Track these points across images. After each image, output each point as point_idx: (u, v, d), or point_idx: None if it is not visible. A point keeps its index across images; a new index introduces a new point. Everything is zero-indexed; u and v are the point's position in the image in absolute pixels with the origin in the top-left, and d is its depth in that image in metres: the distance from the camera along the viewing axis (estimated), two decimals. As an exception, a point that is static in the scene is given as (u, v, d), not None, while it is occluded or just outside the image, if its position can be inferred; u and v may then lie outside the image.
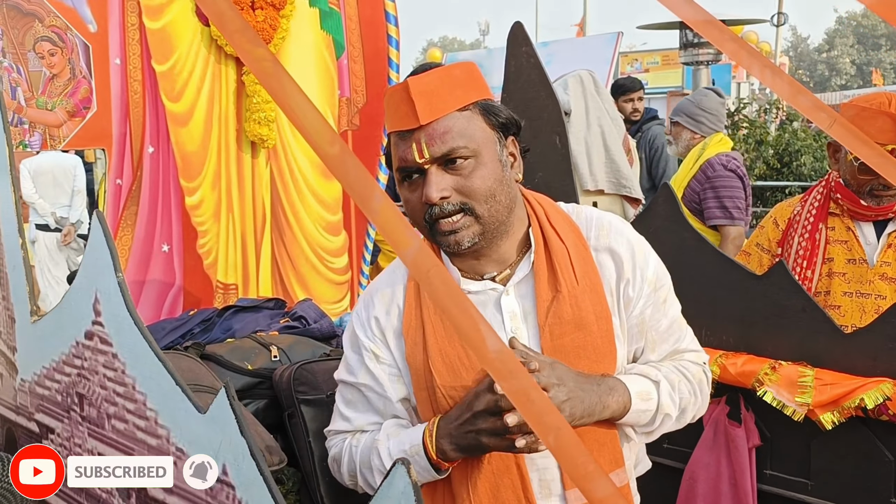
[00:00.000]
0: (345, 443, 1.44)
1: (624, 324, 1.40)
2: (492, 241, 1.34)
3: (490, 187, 1.29)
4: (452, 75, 1.31)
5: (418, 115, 1.26)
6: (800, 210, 2.34)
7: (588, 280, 1.36)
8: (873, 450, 1.85)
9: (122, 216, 2.05)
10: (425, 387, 1.35)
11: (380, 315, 1.41)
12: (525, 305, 1.35)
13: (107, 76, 1.98)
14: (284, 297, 2.40)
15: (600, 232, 1.41)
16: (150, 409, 1.09)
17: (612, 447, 1.37)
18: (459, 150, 1.27)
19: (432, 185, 1.27)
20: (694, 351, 1.51)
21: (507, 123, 1.34)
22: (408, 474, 0.76)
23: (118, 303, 1.12)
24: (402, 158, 1.29)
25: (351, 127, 2.56)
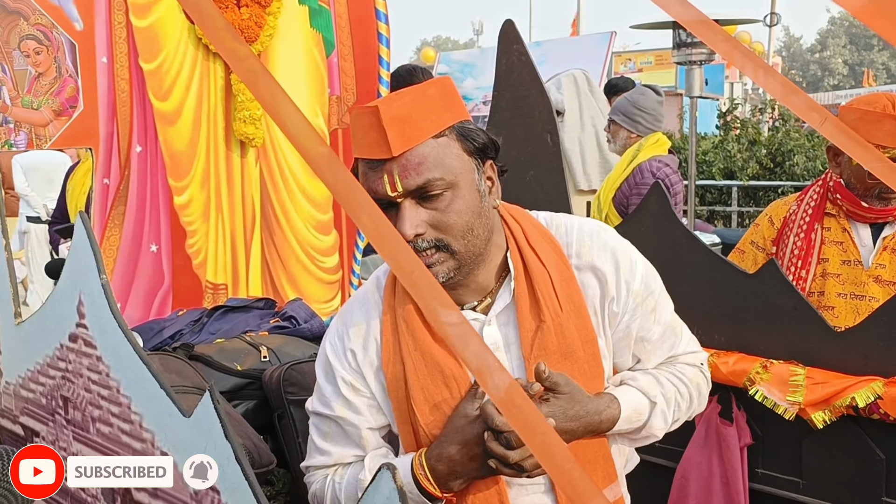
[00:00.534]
0: (326, 480, 1.39)
1: (609, 341, 1.36)
2: (468, 273, 1.27)
3: (467, 222, 1.21)
4: (426, 96, 1.21)
5: (390, 146, 1.15)
6: (796, 209, 2.33)
7: (572, 304, 1.30)
8: (865, 448, 1.85)
9: (109, 216, 2.03)
10: (409, 421, 1.31)
11: (356, 349, 1.34)
12: (508, 335, 1.30)
13: (93, 75, 1.96)
14: (274, 296, 2.39)
15: (581, 248, 1.34)
16: (134, 413, 1.07)
17: (605, 464, 1.35)
18: (435, 183, 1.18)
19: (406, 222, 1.18)
20: (691, 352, 1.48)
21: (484, 147, 1.25)
22: (393, 479, 0.75)
23: (102, 305, 1.11)
24: (372, 190, 1.19)
25: (341, 126, 2.55)
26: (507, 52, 2.54)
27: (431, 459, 1.25)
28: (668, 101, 16.20)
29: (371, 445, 1.36)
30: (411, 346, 1.29)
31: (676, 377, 1.42)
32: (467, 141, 1.23)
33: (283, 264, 2.42)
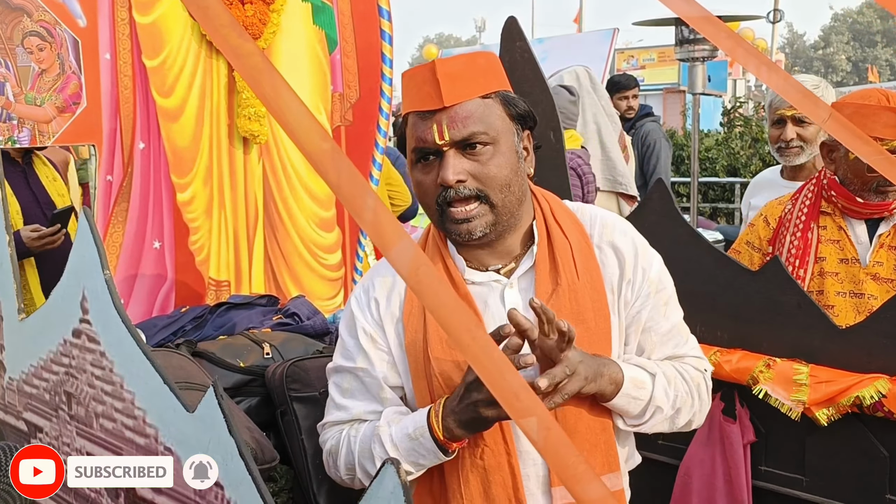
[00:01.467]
0: (342, 434, 1.41)
1: (622, 323, 1.40)
2: (502, 232, 1.34)
3: (506, 176, 1.30)
4: (476, 63, 1.32)
5: (443, 97, 1.27)
6: (791, 208, 2.32)
7: (589, 276, 1.36)
8: (869, 446, 1.84)
9: (112, 213, 2.03)
10: (424, 375, 1.34)
11: (380, 299, 1.40)
12: (526, 298, 1.34)
13: (96, 71, 1.96)
14: (277, 293, 2.39)
15: (603, 230, 1.42)
16: (138, 409, 1.07)
17: (607, 449, 1.36)
18: (479, 136, 1.28)
19: (449, 168, 1.27)
20: (696, 357, 1.49)
21: (525, 116, 1.36)
22: (397, 474, 0.74)
23: (105, 300, 1.10)
24: (420, 139, 1.30)
25: (344, 122, 2.55)
26: (509, 49, 2.53)
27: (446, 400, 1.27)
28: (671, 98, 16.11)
29: (389, 402, 1.39)
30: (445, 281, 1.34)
31: (676, 370, 1.43)
32: (510, 106, 1.33)
33: (285, 261, 2.41)
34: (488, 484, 1.32)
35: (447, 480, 1.34)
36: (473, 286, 1.37)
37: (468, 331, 0.64)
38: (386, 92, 2.60)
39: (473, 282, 1.37)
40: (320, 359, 1.97)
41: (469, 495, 1.32)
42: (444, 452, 1.29)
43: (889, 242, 2.15)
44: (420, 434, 1.29)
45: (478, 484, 1.32)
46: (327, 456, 1.46)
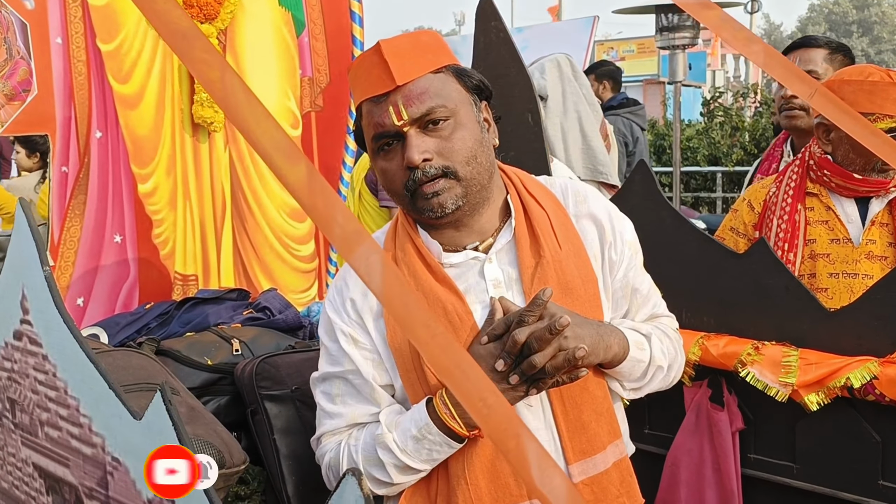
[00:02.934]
0: (341, 446, 1.34)
1: (609, 288, 1.39)
2: (474, 206, 1.31)
3: (471, 148, 1.27)
4: (421, 40, 1.30)
5: (394, 76, 1.23)
6: (775, 191, 2.26)
7: (571, 245, 1.35)
8: (860, 430, 1.79)
9: (69, 206, 1.92)
10: (412, 367, 1.29)
11: (356, 297, 1.35)
12: (509, 272, 1.33)
13: (47, 56, 1.85)
14: (248, 287, 2.30)
15: (577, 198, 1.41)
16: (83, 416, 0.99)
17: (609, 417, 1.35)
18: (438, 110, 1.25)
19: (413, 148, 1.24)
20: (668, 315, 1.53)
21: (480, 87, 1.33)
22: (359, 486, 0.67)
23: (46, 299, 1.02)
24: (378, 124, 1.26)
25: (314, 108, 2.45)
26: (485, 29, 2.45)
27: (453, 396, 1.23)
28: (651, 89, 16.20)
29: (384, 402, 1.34)
30: (413, 286, 1.30)
31: (659, 328, 1.46)
32: (464, 77, 1.31)
33: (256, 253, 2.32)
34: (492, 462, 1.28)
35: (448, 466, 1.29)
36: (451, 268, 1.33)
37: (426, 327, 0.56)
38: (357, 76, 2.51)
39: (451, 264, 1.33)
40: (292, 355, 1.89)
41: (474, 477, 1.27)
42: (458, 440, 1.25)
43: (881, 220, 2.10)
44: (427, 432, 1.25)
45: (481, 464, 1.27)
46: (327, 470, 1.39)
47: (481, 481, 1.27)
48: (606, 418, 1.35)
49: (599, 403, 1.34)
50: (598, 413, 1.33)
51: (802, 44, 2.67)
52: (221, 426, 1.66)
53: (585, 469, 1.31)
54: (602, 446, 1.33)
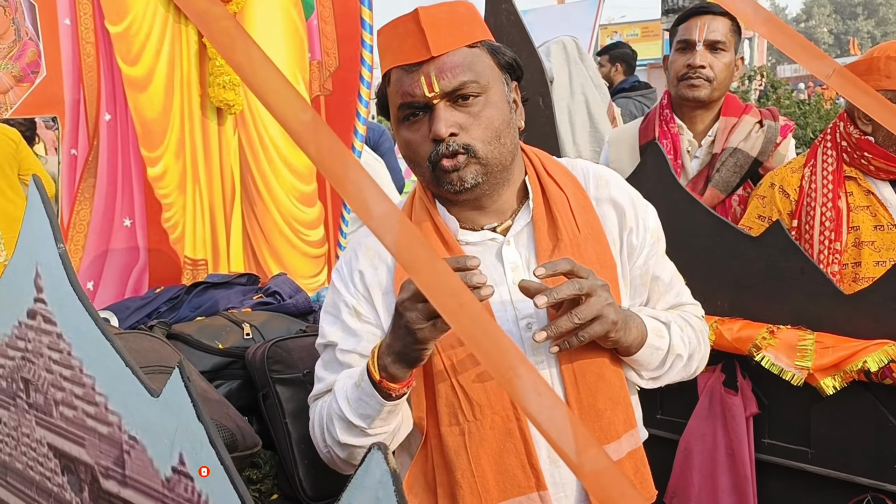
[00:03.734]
0: (318, 405, 1.35)
1: (627, 275, 1.36)
2: (494, 186, 1.28)
3: (497, 128, 1.24)
4: (458, 11, 1.26)
5: (430, 47, 1.20)
6: (811, 177, 2.12)
7: (590, 228, 1.32)
8: (877, 415, 1.78)
9: (78, 189, 1.91)
10: None
11: (364, 269, 1.33)
12: (526, 256, 1.31)
13: (56, 38, 1.84)
14: (257, 271, 2.29)
15: (599, 181, 1.38)
16: (99, 394, 0.97)
17: (625, 406, 1.32)
18: (470, 86, 1.22)
19: (441, 121, 1.21)
20: (693, 304, 1.49)
21: (512, 65, 1.30)
22: (385, 461, 0.65)
23: (60, 276, 1.00)
24: (407, 93, 1.23)
25: (323, 92, 2.43)
26: (495, 11, 2.43)
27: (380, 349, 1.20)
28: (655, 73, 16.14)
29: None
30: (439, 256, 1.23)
31: (682, 317, 1.42)
32: (497, 55, 1.27)
33: (265, 238, 2.31)
34: (499, 454, 1.25)
35: (451, 458, 1.26)
36: (468, 247, 1.31)
37: (454, 296, 0.55)
38: (367, 59, 2.49)
39: (468, 242, 1.31)
40: (303, 338, 1.87)
41: (480, 470, 1.25)
42: (386, 397, 1.20)
43: None
44: (362, 380, 1.21)
45: (488, 456, 1.25)
46: (311, 432, 1.39)
47: (488, 473, 1.25)
48: (623, 407, 1.31)
49: (616, 391, 1.30)
50: (613, 401, 1.30)
51: (710, 11, 2.39)
52: (234, 409, 1.65)
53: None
54: (617, 435, 1.30)
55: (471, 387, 1.24)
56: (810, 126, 7.58)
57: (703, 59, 2.37)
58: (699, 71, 2.37)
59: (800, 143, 7.51)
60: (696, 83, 2.38)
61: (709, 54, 2.38)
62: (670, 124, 2.49)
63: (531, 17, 8.06)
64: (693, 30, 2.40)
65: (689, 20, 2.42)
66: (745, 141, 2.40)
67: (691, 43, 2.39)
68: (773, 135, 2.42)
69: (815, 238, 2.11)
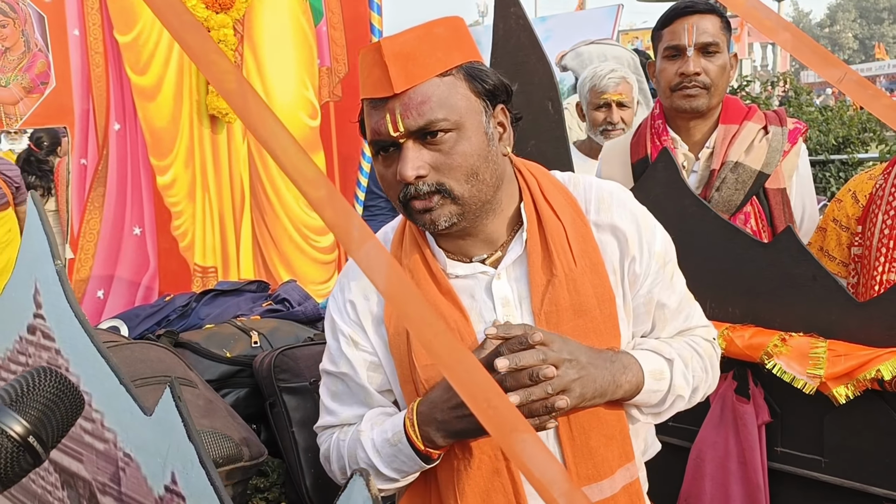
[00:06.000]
0: (332, 438, 1.33)
1: (629, 304, 1.28)
2: (475, 220, 1.20)
3: (472, 165, 1.14)
4: (433, 34, 1.15)
5: (392, 83, 1.11)
6: (882, 184, 2.06)
7: (588, 259, 1.24)
8: (890, 424, 1.74)
9: (88, 198, 1.93)
10: (411, 379, 1.23)
11: (356, 300, 1.28)
12: (519, 290, 1.23)
13: (65, 49, 1.85)
14: (267, 278, 2.30)
15: (601, 205, 1.28)
16: (95, 411, 0.98)
17: (622, 440, 1.26)
18: (439, 123, 1.12)
19: (408, 163, 1.12)
20: (703, 326, 1.41)
21: (494, 90, 1.19)
22: (367, 487, 0.65)
23: (58, 293, 1.01)
24: (374, 131, 1.15)
25: (333, 98, 2.44)
26: (504, 16, 2.41)
27: (421, 405, 1.18)
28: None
29: (373, 404, 1.29)
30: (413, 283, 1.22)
31: (690, 346, 1.35)
32: (476, 82, 1.16)
33: (275, 244, 2.32)
34: (487, 493, 1.22)
35: (442, 489, 1.25)
36: (458, 280, 1.24)
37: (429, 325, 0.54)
38: (376, 65, 2.49)
39: (457, 275, 1.24)
40: (311, 347, 1.88)
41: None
42: (426, 461, 1.19)
43: None
44: (398, 440, 1.19)
45: (475, 494, 1.22)
46: (323, 460, 1.38)
47: None
48: (618, 442, 1.26)
49: (611, 427, 1.25)
50: (608, 437, 1.24)
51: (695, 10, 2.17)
52: (240, 419, 1.66)
53: (591, 494, 1.23)
54: (610, 471, 1.25)
55: None
56: (833, 133, 7.43)
57: (696, 66, 2.14)
58: (694, 79, 2.14)
59: (822, 151, 7.40)
60: (692, 93, 2.16)
61: (702, 59, 2.15)
62: (663, 137, 2.28)
63: (550, 23, 8.02)
64: (681, 33, 2.17)
65: (675, 23, 2.19)
66: (747, 152, 2.19)
67: (681, 48, 2.16)
68: (780, 143, 2.20)
69: (872, 245, 2.06)
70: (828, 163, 7.17)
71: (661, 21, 2.27)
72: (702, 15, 2.16)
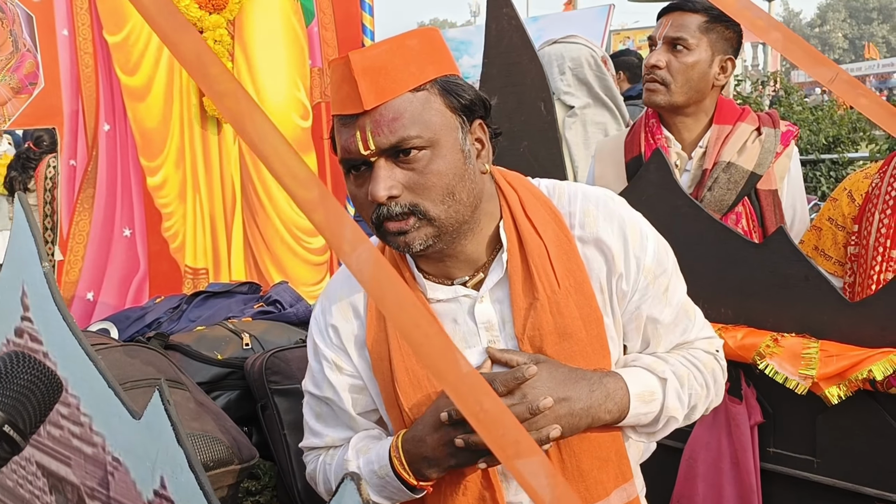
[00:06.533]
0: (319, 460, 1.32)
1: (618, 321, 1.24)
2: (453, 242, 1.15)
3: (447, 184, 1.09)
4: (406, 47, 1.09)
5: (362, 98, 1.05)
6: (878, 182, 2.06)
7: (572, 279, 1.18)
8: (883, 424, 1.75)
9: (77, 199, 1.91)
10: (396, 405, 1.21)
11: (338, 324, 1.24)
12: (502, 312, 1.19)
13: (54, 49, 1.84)
14: (259, 280, 2.28)
15: (586, 218, 1.22)
16: (84, 414, 0.97)
17: (618, 460, 1.23)
18: (411, 141, 1.07)
19: (379, 183, 1.07)
20: (706, 338, 1.35)
21: (471, 105, 1.13)
22: (358, 492, 0.64)
23: (45, 295, 1.00)
24: (345, 149, 1.09)
25: (324, 99, 2.43)
26: (496, 16, 2.40)
27: (406, 442, 1.16)
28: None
29: (357, 428, 1.27)
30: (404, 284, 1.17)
31: (689, 360, 1.30)
32: (451, 96, 1.11)
33: (266, 246, 2.30)
34: None
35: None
36: (439, 304, 1.20)
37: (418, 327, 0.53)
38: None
39: (438, 299, 1.20)
40: (302, 348, 1.86)
41: None
42: (414, 491, 1.17)
43: None
44: (385, 473, 1.17)
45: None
46: (310, 479, 1.37)
47: None
48: (614, 462, 1.22)
49: (605, 448, 1.21)
50: (601, 459, 1.21)
51: (679, 7, 2.16)
52: (231, 422, 1.64)
53: None
54: (605, 493, 1.22)
55: None
56: (823, 132, 7.45)
57: (657, 58, 2.10)
58: (653, 72, 2.11)
59: (813, 150, 7.43)
60: (650, 87, 2.13)
61: (666, 53, 2.11)
62: (657, 135, 2.25)
63: (542, 23, 8.04)
64: (659, 26, 2.17)
65: (661, 18, 2.20)
66: (739, 153, 2.18)
67: (654, 40, 2.17)
68: (772, 144, 2.20)
69: (869, 244, 2.06)
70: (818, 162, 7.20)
71: (657, 16, 2.28)
72: (684, 12, 2.14)
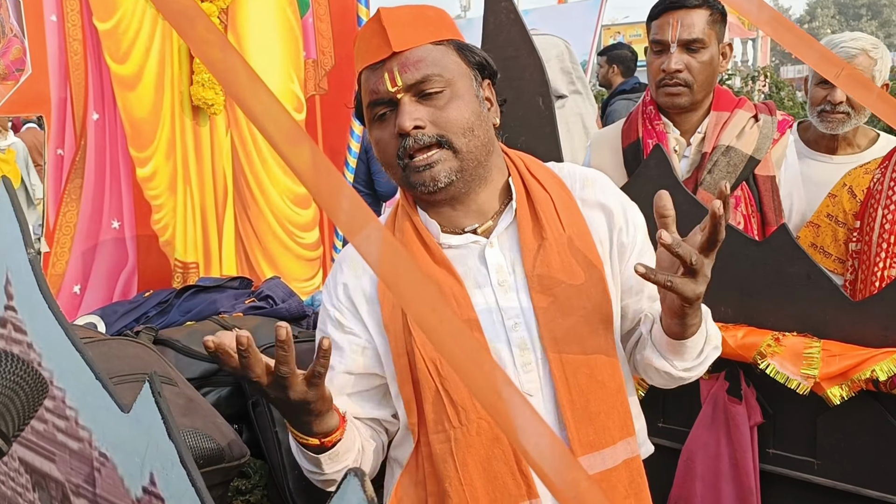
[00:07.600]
0: None
1: (618, 276, 1.33)
2: (469, 183, 1.26)
3: (467, 119, 1.22)
4: (425, 13, 1.26)
5: (391, 43, 1.20)
6: (880, 178, 2.06)
7: (576, 228, 1.29)
8: (885, 426, 1.72)
9: (65, 189, 1.86)
10: (405, 351, 1.25)
11: (348, 281, 1.31)
12: (511, 256, 1.28)
13: (42, 35, 1.79)
14: (250, 275, 2.24)
15: (585, 185, 1.35)
16: (69, 408, 0.93)
17: (622, 413, 1.28)
18: (434, 79, 1.21)
19: (405, 114, 1.19)
20: None
21: (482, 64, 1.28)
22: (362, 488, 0.60)
23: (30, 283, 0.95)
24: (372, 91, 1.22)
25: (319, 91, 2.38)
26: (494, 9, 2.37)
27: None
28: (658, 73, 16.18)
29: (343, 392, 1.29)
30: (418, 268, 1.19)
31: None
32: (465, 52, 1.26)
33: (258, 240, 2.26)
34: (488, 460, 1.21)
35: (438, 466, 1.23)
36: (451, 250, 1.29)
37: (433, 311, 0.50)
38: (363, 58, 2.44)
39: (450, 245, 1.29)
40: (295, 344, 1.82)
41: (468, 478, 1.21)
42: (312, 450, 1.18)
43: None
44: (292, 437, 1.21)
45: (476, 463, 1.21)
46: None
47: (477, 482, 1.21)
48: (618, 413, 1.27)
49: (611, 396, 1.27)
50: (608, 405, 1.26)
51: (682, 4, 2.13)
52: (221, 418, 1.60)
53: (593, 464, 1.24)
54: (612, 440, 1.26)
55: (455, 391, 1.21)
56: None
57: (678, 63, 2.13)
58: (675, 76, 2.13)
59: (803, 144, 7.44)
60: (673, 90, 2.15)
61: (684, 55, 2.13)
62: (655, 122, 2.25)
63: (533, 16, 7.99)
64: (665, 28, 2.15)
65: (662, 16, 2.16)
66: (738, 137, 2.19)
67: (665, 44, 2.15)
68: (770, 130, 2.21)
69: (873, 240, 2.04)
70: (809, 157, 7.22)
71: (651, 13, 2.25)
72: (689, 10, 2.13)
